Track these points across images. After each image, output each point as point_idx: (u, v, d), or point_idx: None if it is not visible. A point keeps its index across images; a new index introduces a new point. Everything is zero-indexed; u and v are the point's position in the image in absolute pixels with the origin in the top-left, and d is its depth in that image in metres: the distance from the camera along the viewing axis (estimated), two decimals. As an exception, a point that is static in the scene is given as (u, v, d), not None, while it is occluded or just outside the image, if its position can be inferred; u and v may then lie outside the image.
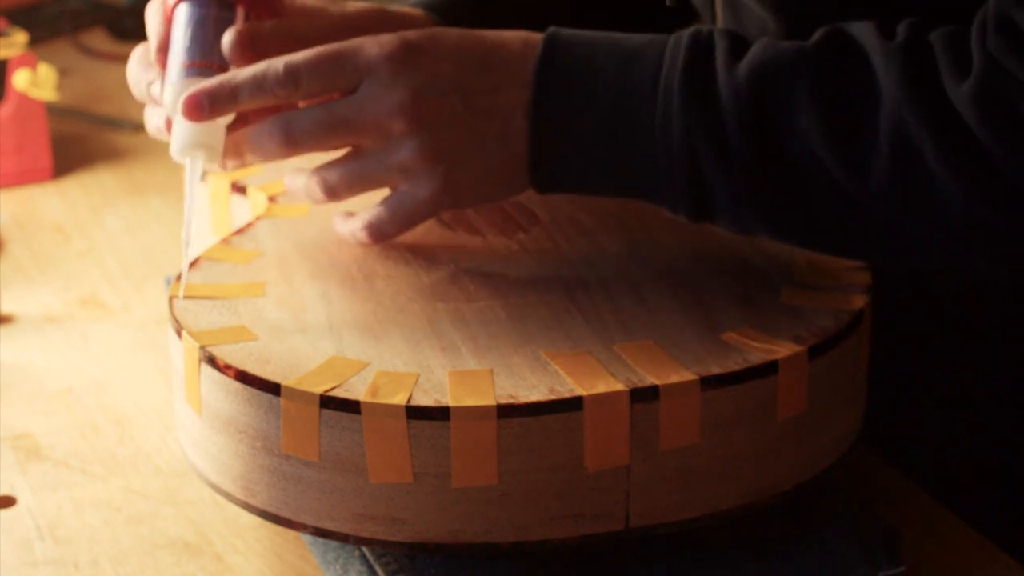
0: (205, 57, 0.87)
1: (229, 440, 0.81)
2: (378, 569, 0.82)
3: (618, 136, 0.83)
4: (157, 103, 0.90)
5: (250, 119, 0.88)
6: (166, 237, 1.24)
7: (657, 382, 0.78)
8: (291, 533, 0.87)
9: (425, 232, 0.93)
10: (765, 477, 0.82)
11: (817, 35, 0.83)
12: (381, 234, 0.89)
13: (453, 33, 0.85)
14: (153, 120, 0.90)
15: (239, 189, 1.01)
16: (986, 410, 1.01)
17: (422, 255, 0.91)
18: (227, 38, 0.87)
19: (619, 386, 0.78)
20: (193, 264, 0.88)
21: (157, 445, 0.96)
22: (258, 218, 0.96)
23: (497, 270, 0.89)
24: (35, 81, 1.31)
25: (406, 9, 0.97)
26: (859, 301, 0.86)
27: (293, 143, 0.85)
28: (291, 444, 0.78)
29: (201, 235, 1.06)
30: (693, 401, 0.79)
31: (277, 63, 0.84)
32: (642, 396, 0.78)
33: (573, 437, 0.77)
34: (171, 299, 0.86)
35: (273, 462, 0.79)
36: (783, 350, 0.81)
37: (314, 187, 0.88)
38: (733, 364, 0.80)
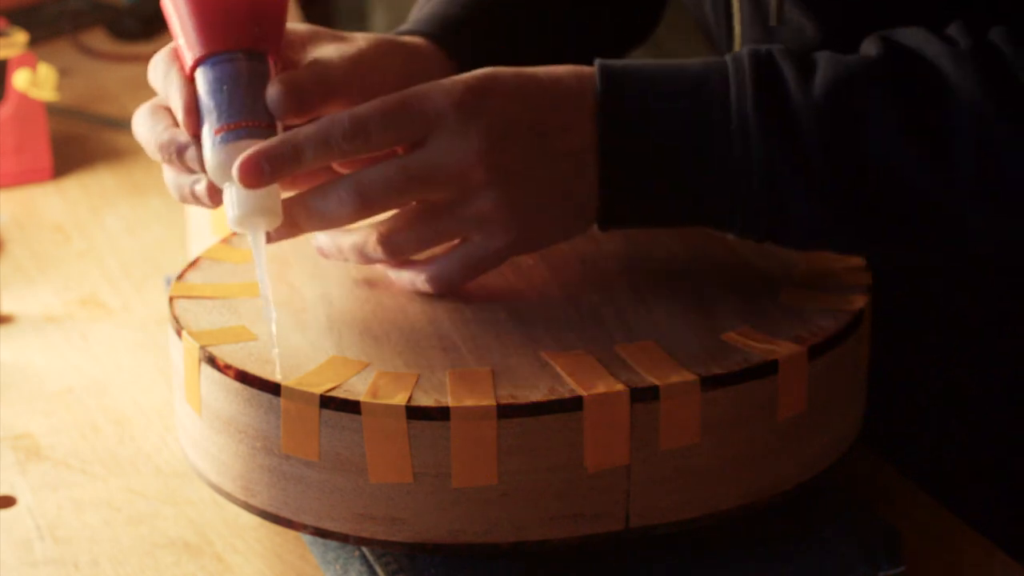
0: (249, 116, 0.80)
1: (229, 440, 0.81)
2: (378, 569, 0.82)
3: (692, 166, 0.82)
4: (189, 169, 0.82)
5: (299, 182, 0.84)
6: (166, 237, 1.24)
7: (657, 382, 0.78)
8: (291, 533, 0.87)
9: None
10: (765, 477, 0.82)
11: (874, 47, 0.83)
12: (448, 286, 0.85)
13: (510, 73, 0.82)
14: (186, 186, 0.82)
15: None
16: (985, 410, 1.01)
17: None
18: (273, 91, 0.81)
19: (619, 386, 0.78)
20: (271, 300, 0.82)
21: (157, 445, 0.96)
22: (258, 218, 0.95)
23: (497, 270, 0.89)
24: (35, 81, 1.31)
25: (407, 39, 0.93)
26: (859, 301, 0.86)
27: (367, 206, 0.80)
28: (291, 444, 0.78)
29: (201, 235, 1.06)
30: (693, 401, 0.79)
31: (341, 117, 0.79)
32: (642, 396, 0.78)
33: (573, 437, 0.77)
34: (171, 299, 0.86)
35: (273, 462, 0.79)
36: (783, 350, 0.81)
37: (373, 248, 0.83)
38: (733, 364, 0.80)
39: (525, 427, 0.77)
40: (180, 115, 0.81)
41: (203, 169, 0.80)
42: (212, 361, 0.80)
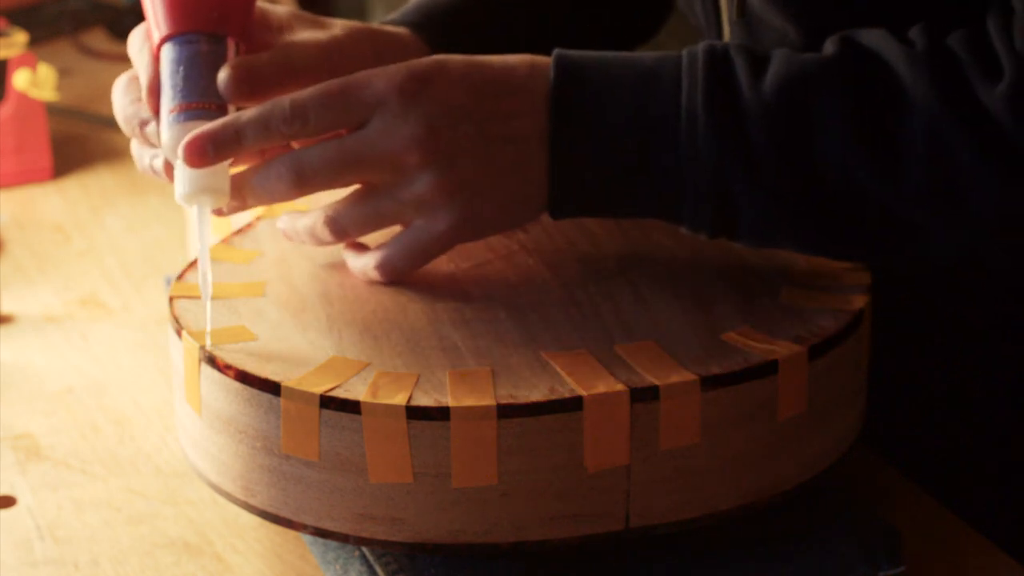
0: (201, 97, 0.83)
1: (229, 440, 0.81)
2: (378, 569, 0.82)
3: (640, 159, 0.82)
4: (151, 143, 0.86)
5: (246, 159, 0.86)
6: (166, 237, 1.24)
7: (657, 382, 0.78)
8: (291, 533, 0.87)
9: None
10: (765, 477, 0.82)
11: (832, 46, 0.83)
12: (395, 272, 0.86)
13: (459, 60, 0.83)
14: (145, 159, 0.86)
15: (239, 189, 1.01)
16: (986, 410, 1.01)
17: (422, 255, 0.91)
18: (223, 75, 0.83)
19: (619, 386, 0.78)
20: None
21: (157, 445, 0.96)
22: (258, 218, 0.96)
23: (497, 270, 0.89)
24: (35, 81, 1.31)
25: (388, 28, 0.94)
26: (859, 301, 0.86)
27: (304, 183, 0.82)
28: (291, 444, 0.78)
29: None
30: (693, 401, 0.79)
31: (283, 101, 0.82)
32: (642, 396, 0.78)
33: (573, 437, 0.77)
34: (171, 299, 0.86)
35: (273, 462, 0.79)
36: (783, 350, 0.81)
37: (321, 229, 0.85)
38: (733, 364, 0.80)
39: (525, 427, 0.77)
40: (143, 92, 0.85)
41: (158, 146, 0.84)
42: (212, 361, 0.80)
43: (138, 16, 1.55)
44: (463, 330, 0.83)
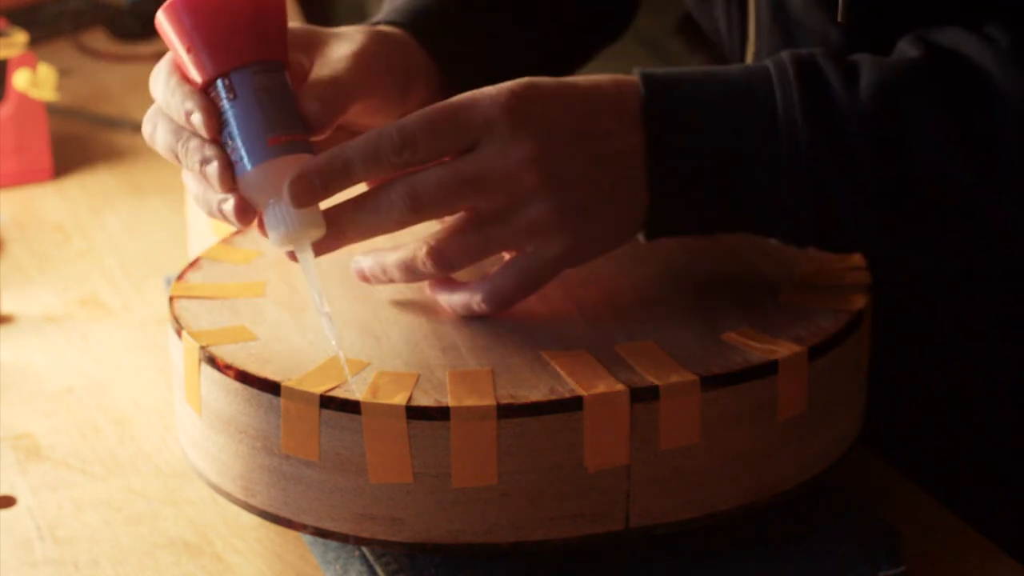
0: (285, 129, 0.78)
1: (229, 440, 0.81)
2: (378, 569, 0.82)
3: (739, 171, 0.81)
4: (210, 183, 0.79)
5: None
6: (166, 237, 1.24)
7: (657, 382, 0.78)
8: (291, 533, 0.87)
9: (425, 232, 0.93)
10: (765, 477, 0.82)
11: (913, 48, 0.83)
12: (507, 303, 0.83)
13: (549, 81, 0.81)
14: (213, 203, 0.80)
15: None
16: (986, 410, 1.01)
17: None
18: (313, 108, 0.79)
19: (619, 386, 0.78)
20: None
21: (157, 445, 0.96)
22: (258, 218, 0.96)
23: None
24: (35, 81, 1.31)
25: (387, 28, 0.91)
26: (859, 301, 0.86)
27: (418, 211, 0.79)
28: (291, 444, 0.78)
29: (201, 235, 1.06)
30: (693, 401, 0.79)
31: (389, 130, 0.78)
32: (642, 396, 0.78)
33: (573, 437, 0.77)
34: (171, 299, 0.86)
35: (273, 462, 0.79)
36: (783, 350, 0.81)
37: (423, 262, 0.81)
38: (733, 364, 0.80)
39: (525, 427, 0.77)
40: (202, 131, 0.78)
41: (229, 188, 0.78)
42: (212, 361, 0.80)
43: (138, 16, 1.52)
44: (463, 330, 0.83)
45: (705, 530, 0.82)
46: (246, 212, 0.79)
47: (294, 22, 0.87)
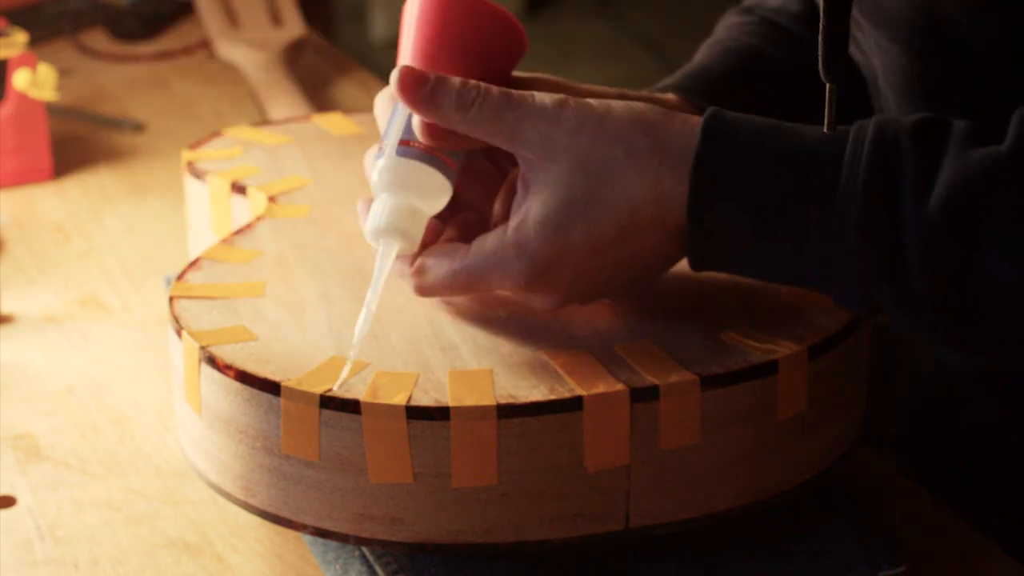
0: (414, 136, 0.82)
1: (229, 440, 0.81)
2: (378, 569, 0.82)
3: (783, 241, 0.77)
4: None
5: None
6: (166, 237, 1.24)
7: (657, 382, 0.78)
8: (291, 533, 0.87)
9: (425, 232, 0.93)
10: (765, 477, 0.82)
11: (1012, 133, 0.74)
12: (434, 295, 0.84)
13: (579, 235, 0.78)
14: None
15: (239, 189, 1.01)
16: (986, 410, 1.01)
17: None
18: (415, 122, 0.81)
19: (619, 386, 0.78)
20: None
21: (157, 445, 0.96)
22: (258, 218, 0.96)
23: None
24: (35, 81, 1.30)
25: (656, 95, 0.90)
26: (859, 301, 0.86)
27: (425, 294, 0.83)
28: (291, 444, 0.78)
29: (201, 235, 1.06)
30: (693, 401, 0.79)
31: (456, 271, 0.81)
32: (642, 396, 0.78)
33: (573, 437, 0.78)
34: (171, 299, 0.86)
35: (273, 462, 0.79)
36: (783, 350, 0.81)
37: (412, 276, 0.83)
38: (733, 364, 0.80)
39: (525, 427, 0.77)
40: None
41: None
42: (212, 361, 0.80)
43: (138, 16, 1.52)
44: (463, 330, 0.83)
45: (705, 530, 0.82)
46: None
47: (532, 74, 0.87)
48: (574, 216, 0.78)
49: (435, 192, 0.82)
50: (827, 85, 0.77)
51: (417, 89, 0.79)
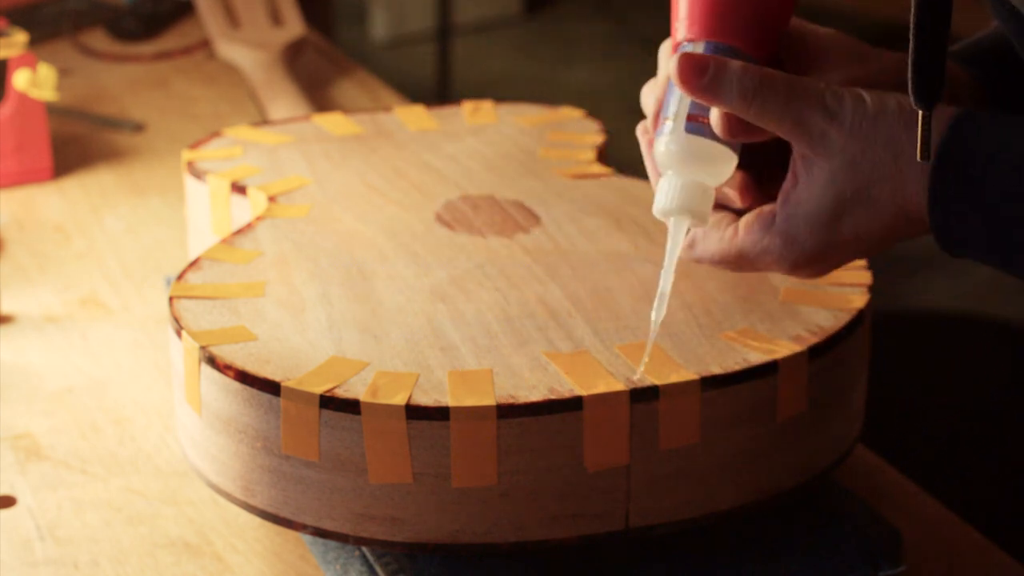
0: (704, 111, 0.80)
1: (229, 440, 0.81)
2: (378, 569, 0.82)
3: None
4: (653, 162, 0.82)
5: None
6: (166, 237, 1.24)
7: (657, 382, 0.78)
8: (291, 533, 0.87)
9: (425, 232, 0.93)
10: (765, 477, 0.82)
11: None
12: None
13: (844, 243, 0.78)
14: (653, 179, 0.83)
15: (239, 189, 1.01)
16: (986, 410, 1.01)
17: (422, 255, 0.91)
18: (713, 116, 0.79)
19: (619, 386, 0.78)
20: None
21: (157, 445, 0.96)
22: (258, 218, 0.96)
23: (497, 270, 0.89)
24: (35, 81, 1.31)
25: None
26: (859, 301, 0.86)
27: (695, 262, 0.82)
28: (291, 444, 0.78)
29: (201, 235, 1.06)
30: (693, 401, 0.79)
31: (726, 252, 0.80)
32: (642, 396, 0.78)
33: (573, 437, 0.78)
34: (171, 299, 0.86)
35: (273, 462, 0.79)
36: (783, 350, 0.81)
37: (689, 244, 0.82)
38: (733, 364, 0.80)
39: (525, 427, 0.77)
40: (651, 102, 0.82)
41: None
42: (212, 361, 0.80)
43: (138, 16, 1.52)
44: (463, 330, 0.83)
45: (705, 530, 0.82)
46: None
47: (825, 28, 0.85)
48: (843, 214, 0.78)
49: (724, 168, 0.80)
50: (920, 112, 0.77)
51: (698, 77, 0.78)
